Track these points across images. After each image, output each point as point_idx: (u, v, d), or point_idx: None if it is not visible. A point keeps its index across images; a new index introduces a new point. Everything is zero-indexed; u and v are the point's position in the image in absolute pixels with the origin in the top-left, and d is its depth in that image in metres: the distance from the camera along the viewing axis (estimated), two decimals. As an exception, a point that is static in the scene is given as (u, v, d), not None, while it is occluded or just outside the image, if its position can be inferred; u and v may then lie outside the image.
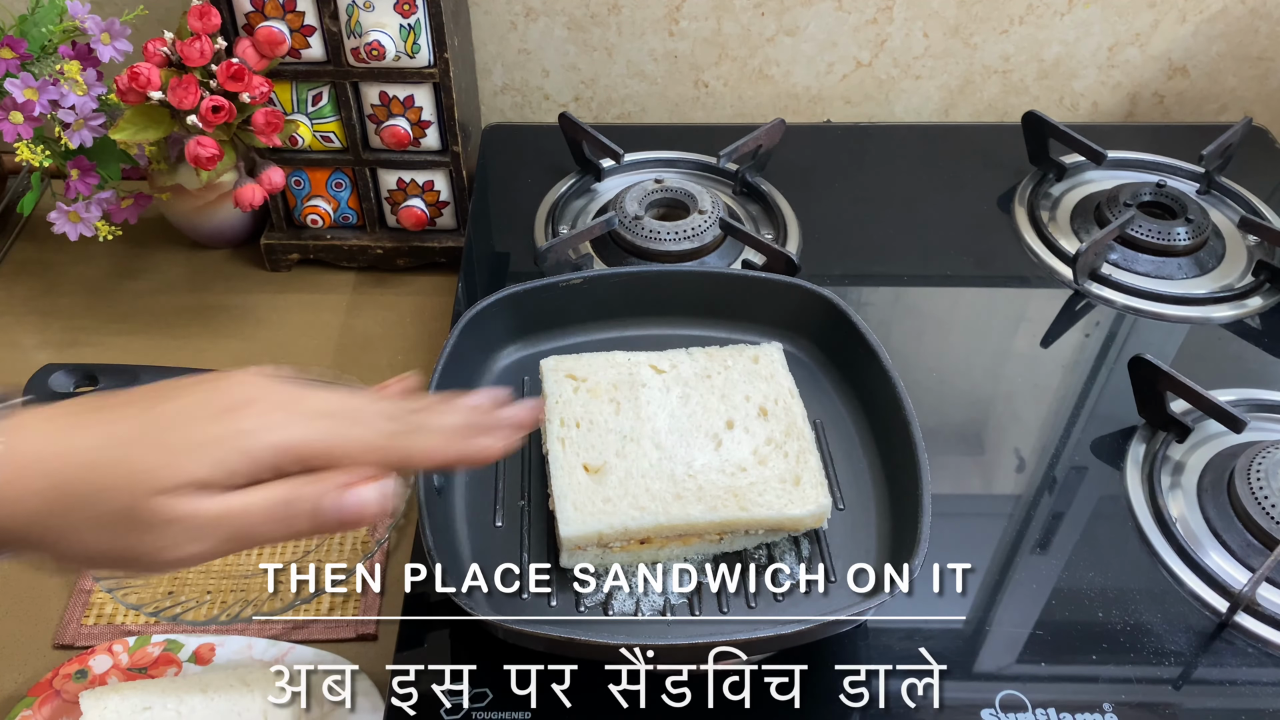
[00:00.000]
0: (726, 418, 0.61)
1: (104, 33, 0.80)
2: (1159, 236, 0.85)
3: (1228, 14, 1.00)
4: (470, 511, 0.62)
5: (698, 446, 0.60)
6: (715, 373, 0.64)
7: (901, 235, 0.88)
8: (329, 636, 0.65)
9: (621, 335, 0.73)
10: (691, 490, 0.57)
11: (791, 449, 0.60)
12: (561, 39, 1.01)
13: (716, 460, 0.59)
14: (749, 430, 0.61)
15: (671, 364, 0.65)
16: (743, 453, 0.59)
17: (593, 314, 0.72)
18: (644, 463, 0.59)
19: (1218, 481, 0.67)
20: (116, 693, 0.59)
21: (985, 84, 1.05)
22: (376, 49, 0.79)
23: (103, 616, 0.66)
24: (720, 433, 0.60)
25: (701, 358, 0.65)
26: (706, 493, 0.57)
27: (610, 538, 0.56)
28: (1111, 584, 0.62)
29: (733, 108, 1.06)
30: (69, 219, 0.82)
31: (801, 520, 0.57)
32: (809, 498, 0.57)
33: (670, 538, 0.57)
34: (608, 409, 0.61)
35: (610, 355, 0.65)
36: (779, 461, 0.59)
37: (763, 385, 0.63)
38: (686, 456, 0.59)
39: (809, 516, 0.57)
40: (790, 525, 0.58)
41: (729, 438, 0.60)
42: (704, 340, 0.72)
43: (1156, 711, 0.56)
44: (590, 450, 0.59)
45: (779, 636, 0.51)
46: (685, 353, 0.65)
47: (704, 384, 0.63)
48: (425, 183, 0.90)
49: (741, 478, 0.58)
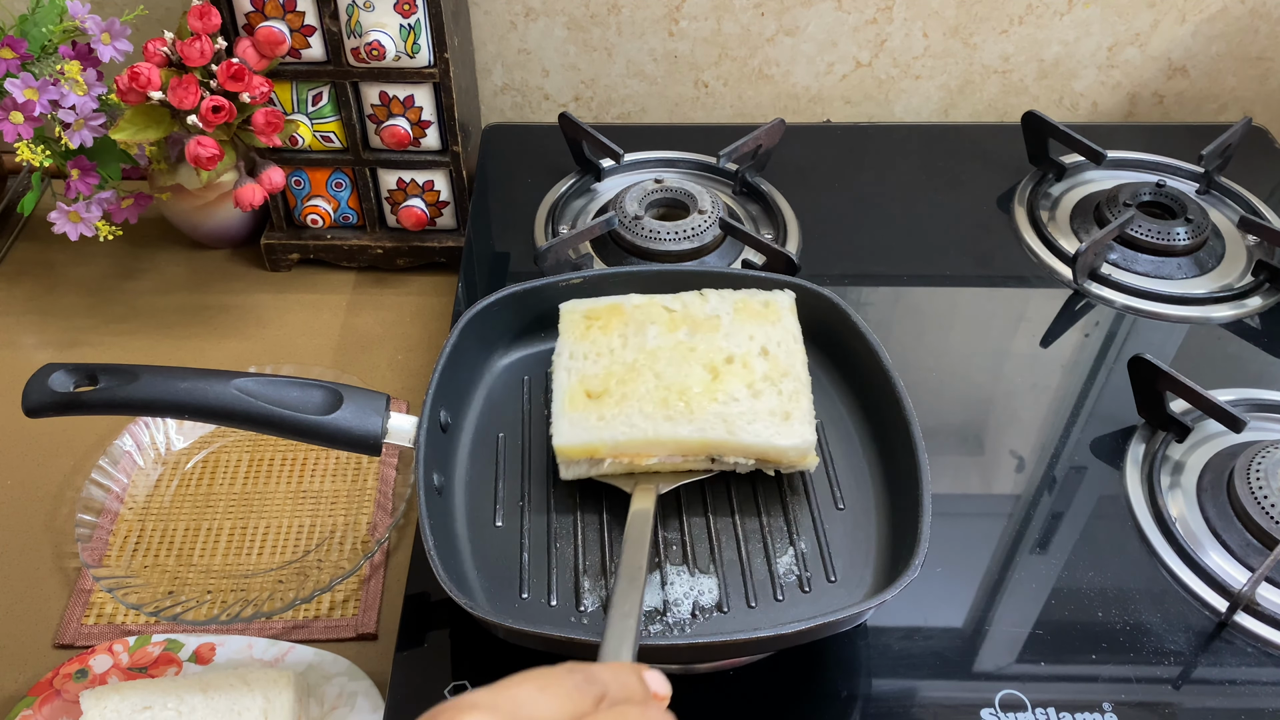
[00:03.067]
0: (727, 354, 0.62)
1: (104, 33, 0.80)
2: (1159, 236, 0.85)
3: (1227, 14, 1.00)
4: (470, 511, 0.62)
5: (694, 377, 0.61)
6: (724, 313, 0.65)
7: (901, 235, 0.88)
8: (329, 636, 0.65)
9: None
10: (682, 413, 0.59)
11: (787, 388, 0.61)
12: (561, 39, 1.01)
13: (711, 389, 0.60)
14: (747, 366, 0.62)
15: (683, 304, 0.66)
16: (737, 385, 0.61)
17: (593, 314, 0.73)
18: (641, 388, 0.60)
19: (1217, 481, 0.67)
20: (116, 692, 0.59)
21: (985, 84, 1.05)
22: (376, 49, 0.79)
23: (103, 616, 0.66)
24: (719, 366, 0.62)
25: (714, 299, 0.66)
26: (697, 416, 0.59)
27: (602, 451, 0.58)
28: (1111, 584, 0.62)
29: (733, 108, 1.06)
30: (69, 219, 0.82)
31: (786, 452, 0.58)
32: (796, 432, 0.58)
33: (659, 456, 0.59)
34: (615, 342, 0.63)
35: (626, 297, 0.67)
36: (772, 397, 0.60)
37: (769, 328, 0.64)
38: (682, 385, 0.60)
39: (793, 450, 0.58)
40: (775, 456, 0.59)
41: (726, 371, 0.61)
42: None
43: (1156, 711, 0.56)
44: (593, 379, 0.61)
45: (779, 636, 0.51)
46: (698, 294, 0.67)
47: (710, 323, 0.64)
48: (425, 183, 0.90)
49: (733, 406, 0.59)
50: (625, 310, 0.66)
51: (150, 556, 0.69)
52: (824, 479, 0.64)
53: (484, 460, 0.64)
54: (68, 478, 0.74)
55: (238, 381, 0.56)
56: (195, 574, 0.68)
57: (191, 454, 0.76)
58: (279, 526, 0.71)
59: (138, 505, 0.72)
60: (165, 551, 0.70)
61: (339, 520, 0.72)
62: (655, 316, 0.65)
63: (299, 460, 0.75)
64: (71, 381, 0.55)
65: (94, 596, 0.67)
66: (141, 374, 0.56)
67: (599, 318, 0.65)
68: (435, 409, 0.60)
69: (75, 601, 0.67)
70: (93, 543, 0.68)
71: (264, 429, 0.57)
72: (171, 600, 0.66)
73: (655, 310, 0.66)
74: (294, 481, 0.74)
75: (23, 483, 0.75)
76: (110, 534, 0.70)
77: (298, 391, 0.57)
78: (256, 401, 0.56)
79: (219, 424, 0.58)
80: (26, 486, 0.74)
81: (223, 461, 0.76)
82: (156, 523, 0.72)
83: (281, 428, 0.57)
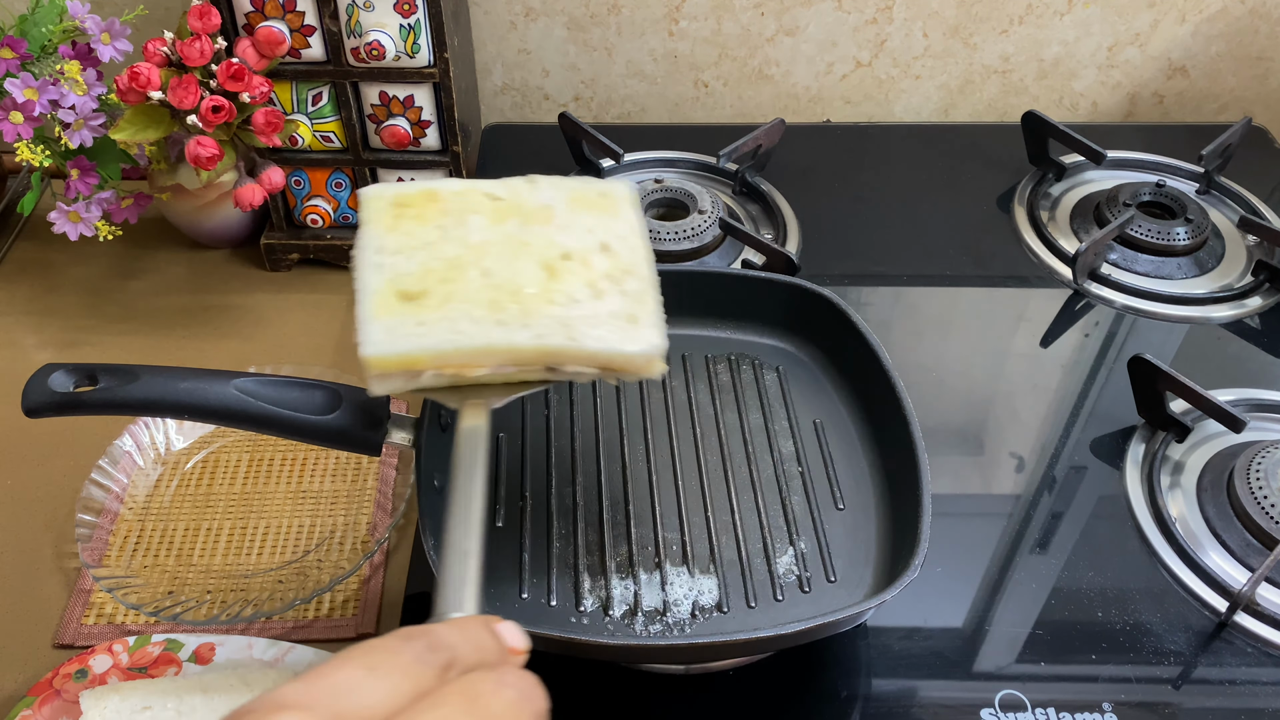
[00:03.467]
0: (564, 249, 0.55)
1: (104, 33, 0.80)
2: (1158, 236, 0.85)
3: (1227, 14, 1.00)
4: (470, 511, 0.62)
5: (528, 275, 0.53)
6: (557, 204, 0.57)
7: (901, 235, 0.88)
8: (329, 636, 0.65)
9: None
10: (516, 317, 0.51)
11: (631, 287, 0.54)
12: (561, 39, 1.01)
13: (548, 289, 0.53)
14: (587, 263, 0.54)
15: (510, 191, 0.57)
16: (577, 284, 0.53)
17: (593, 314, 0.72)
18: (467, 288, 0.52)
19: (1217, 481, 0.67)
20: (116, 693, 0.58)
21: (985, 84, 1.05)
22: (376, 49, 0.79)
23: (103, 616, 0.66)
24: (555, 263, 0.54)
25: (545, 186, 0.58)
26: (533, 320, 0.51)
27: (423, 362, 0.50)
28: (1111, 584, 0.62)
29: (733, 108, 1.06)
30: (69, 219, 0.82)
31: (633, 359, 0.51)
32: (643, 337, 0.52)
33: (490, 367, 0.52)
34: (433, 234, 0.54)
35: (444, 181, 0.58)
36: (615, 298, 0.53)
37: (608, 221, 0.57)
38: (514, 284, 0.52)
39: (640, 356, 0.51)
40: (621, 364, 0.52)
41: (564, 268, 0.54)
42: (705, 340, 0.73)
43: (1156, 711, 0.56)
44: (408, 277, 0.52)
45: (779, 636, 0.51)
46: (525, 180, 0.58)
47: (542, 214, 0.56)
48: (425, 183, 0.90)
49: (574, 309, 0.52)
50: (442, 196, 0.56)
51: (150, 556, 0.69)
52: (824, 479, 0.64)
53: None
54: (68, 478, 0.74)
55: (238, 381, 0.56)
56: (195, 574, 0.68)
57: (191, 454, 0.76)
58: (279, 526, 0.71)
59: (138, 505, 0.72)
60: (165, 551, 0.70)
61: (339, 520, 0.72)
62: (478, 205, 0.56)
63: (299, 460, 0.75)
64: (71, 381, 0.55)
65: (94, 596, 0.67)
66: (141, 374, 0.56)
67: (411, 205, 0.56)
68: (435, 408, 0.60)
69: (75, 601, 0.67)
70: (93, 543, 0.68)
71: (264, 429, 0.57)
72: (171, 600, 0.66)
73: (477, 198, 0.56)
74: (294, 481, 0.74)
75: (23, 483, 0.74)
76: (110, 534, 0.70)
77: (298, 391, 0.57)
78: (256, 402, 0.56)
79: (219, 424, 0.58)
80: (26, 486, 0.74)
81: (223, 461, 0.76)
82: (156, 523, 0.72)
83: (281, 428, 0.57)
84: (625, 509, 0.62)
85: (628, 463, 0.65)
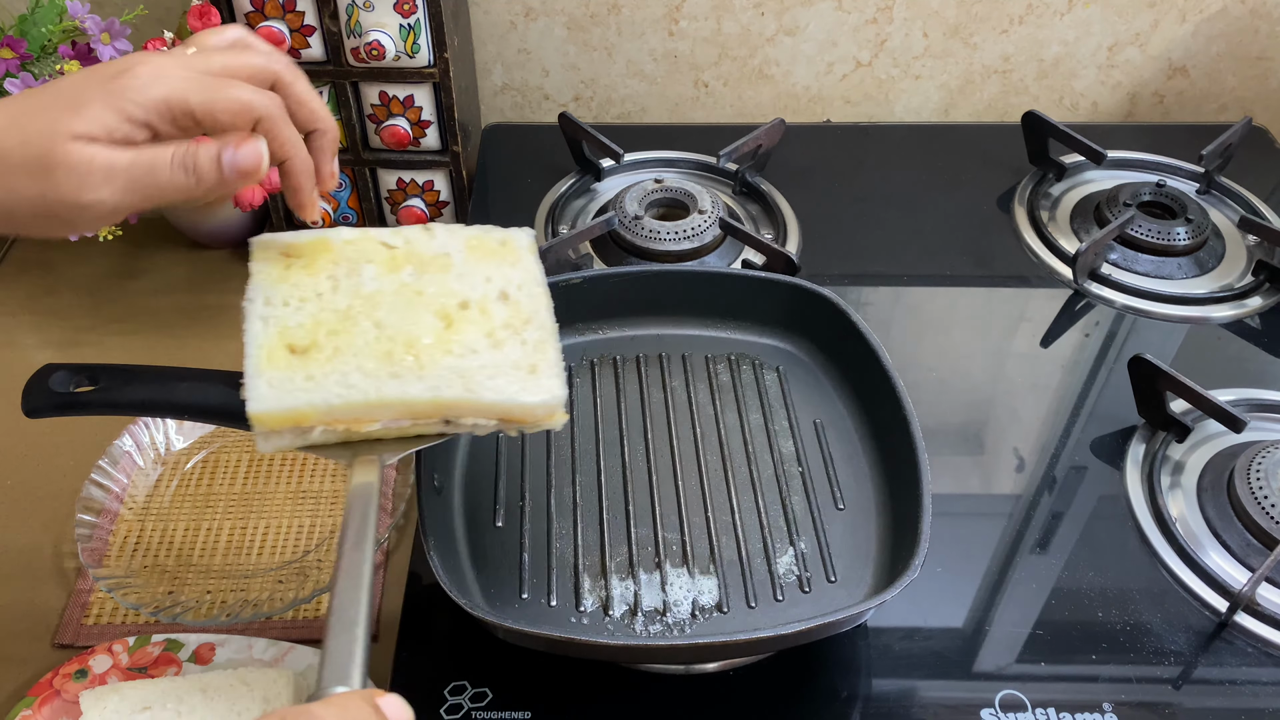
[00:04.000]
0: (462, 298, 0.54)
1: (104, 33, 0.80)
2: (1159, 236, 0.85)
3: (1228, 14, 1.00)
4: (470, 511, 0.62)
5: (424, 326, 0.52)
6: (454, 251, 0.56)
7: (901, 235, 0.88)
8: (329, 636, 0.65)
9: (621, 335, 0.73)
10: (411, 369, 0.50)
11: (530, 337, 0.53)
12: (561, 39, 1.01)
13: (445, 340, 0.52)
14: (486, 312, 0.53)
15: (405, 240, 0.56)
16: (475, 334, 0.52)
17: (593, 314, 0.72)
18: (358, 340, 0.51)
19: (1217, 481, 0.67)
20: (116, 693, 0.58)
21: (985, 84, 1.05)
22: (376, 49, 0.79)
23: (103, 616, 0.66)
24: (452, 312, 0.53)
25: (441, 234, 0.57)
26: (429, 372, 0.50)
27: (311, 418, 0.49)
28: (1111, 584, 0.62)
29: (733, 108, 1.06)
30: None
31: (533, 410, 0.51)
32: (544, 387, 0.51)
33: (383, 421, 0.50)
34: (324, 285, 0.53)
35: (336, 230, 0.56)
36: (515, 347, 0.52)
37: (508, 270, 0.56)
38: (409, 335, 0.51)
39: (540, 406, 0.51)
40: (520, 415, 0.51)
41: (462, 318, 0.53)
42: (706, 340, 0.73)
43: (1156, 711, 0.56)
44: (296, 330, 0.51)
45: (779, 636, 0.51)
46: (423, 229, 0.57)
47: (439, 262, 0.55)
48: (425, 182, 0.90)
49: (471, 359, 0.51)
50: (334, 246, 0.55)
51: (150, 557, 0.69)
52: (824, 479, 0.64)
53: (484, 460, 0.64)
54: (68, 478, 0.74)
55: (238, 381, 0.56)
56: (195, 574, 0.68)
57: (191, 454, 0.76)
58: (279, 526, 0.71)
59: (137, 505, 0.72)
60: (165, 552, 0.70)
61: (339, 520, 0.72)
62: (372, 254, 0.55)
63: (299, 460, 0.75)
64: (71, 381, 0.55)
65: (94, 596, 0.67)
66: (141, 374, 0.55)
67: (300, 255, 0.54)
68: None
69: (75, 601, 0.67)
70: (93, 543, 0.68)
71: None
72: (171, 600, 0.66)
73: (371, 246, 0.55)
74: (294, 481, 0.74)
75: (23, 483, 0.74)
76: (110, 534, 0.70)
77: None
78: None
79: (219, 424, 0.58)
80: (26, 486, 0.74)
81: (223, 461, 0.76)
82: (156, 523, 0.72)
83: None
84: (625, 509, 0.62)
85: (628, 463, 0.65)
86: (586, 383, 0.70)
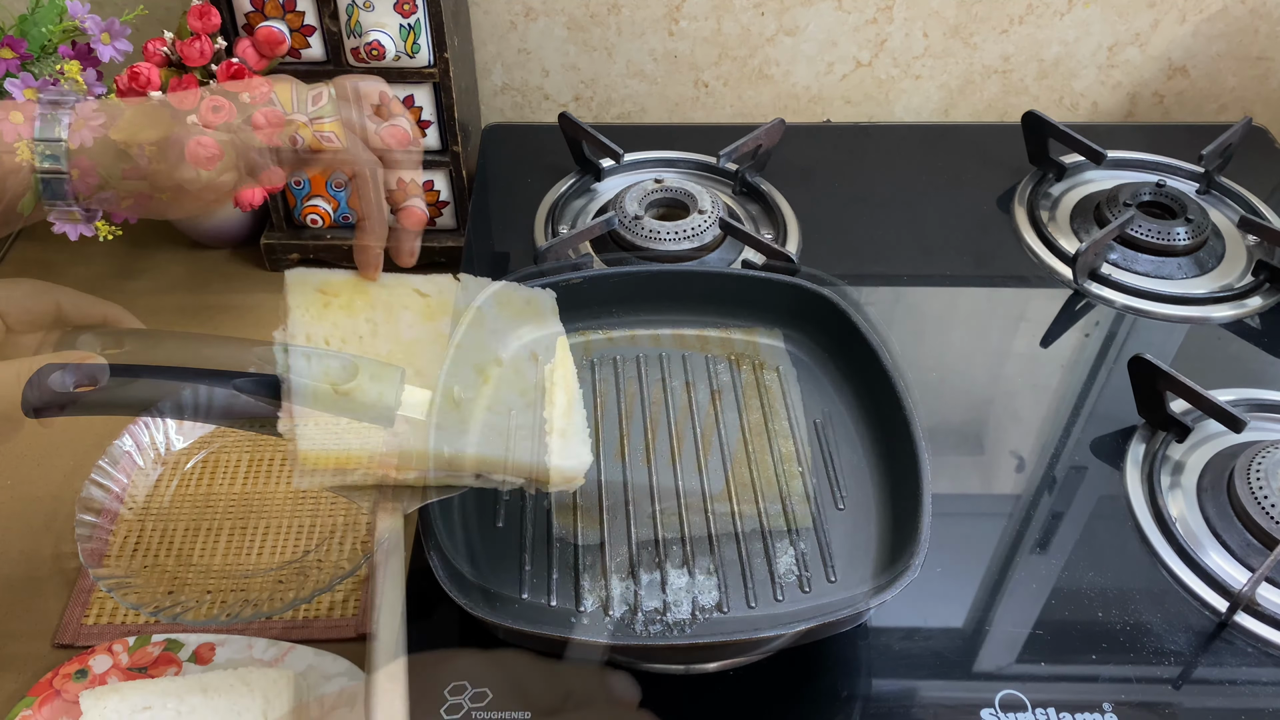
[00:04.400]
0: (496, 355, 0.56)
1: (104, 33, 0.80)
2: (1159, 236, 0.85)
3: (1228, 14, 1.00)
4: (470, 511, 0.62)
5: (463, 379, 0.53)
6: (488, 307, 0.58)
7: (901, 235, 0.88)
8: (329, 636, 0.65)
9: (621, 335, 0.73)
10: (454, 423, 0.51)
11: (559, 399, 0.55)
12: (561, 39, 1.01)
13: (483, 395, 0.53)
14: (519, 371, 0.55)
15: (439, 289, 0.58)
16: (510, 393, 0.54)
17: (593, 313, 0.73)
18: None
19: (1217, 481, 0.67)
20: (116, 693, 0.59)
21: (985, 84, 1.05)
22: (376, 49, 0.79)
23: (103, 616, 0.66)
24: (489, 368, 0.55)
25: (472, 286, 0.59)
26: (470, 427, 0.52)
27: (356, 462, 0.50)
28: (1111, 584, 0.62)
29: (732, 107, 1.06)
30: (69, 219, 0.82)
31: (563, 473, 0.53)
32: (574, 453, 0.53)
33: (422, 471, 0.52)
34: (363, 328, 0.54)
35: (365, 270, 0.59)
36: (546, 410, 0.54)
37: (535, 329, 0.58)
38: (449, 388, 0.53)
39: (571, 471, 0.53)
40: (549, 478, 0.53)
41: (497, 375, 0.55)
42: (706, 340, 0.73)
43: (1156, 711, 0.56)
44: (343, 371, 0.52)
45: (779, 636, 0.51)
46: (451, 279, 0.59)
47: (473, 315, 0.57)
48: (425, 183, 0.90)
49: (509, 419, 0.53)
50: (370, 291, 0.57)
51: (150, 556, 0.69)
52: (824, 479, 0.64)
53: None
54: (68, 478, 0.74)
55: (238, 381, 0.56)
56: (195, 574, 0.68)
57: (191, 454, 0.76)
58: (279, 526, 0.71)
59: (138, 505, 0.72)
60: (165, 551, 0.70)
61: (339, 520, 0.72)
62: (407, 300, 0.56)
63: (299, 460, 0.75)
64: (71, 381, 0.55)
65: (94, 596, 0.67)
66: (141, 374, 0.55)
67: (337, 294, 0.56)
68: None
69: (75, 601, 0.67)
70: (93, 543, 0.68)
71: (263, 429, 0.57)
72: (171, 600, 0.66)
73: (405, 292, 0.57)
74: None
75: (23, 483, 0.74)
76: (110, 534, 0.70)
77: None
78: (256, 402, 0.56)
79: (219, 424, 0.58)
80: (26, 486, 0.74)
81: (223, 461, 0.76)
82: (156, 523, 0.72)
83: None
84: (625, 509, 0.62)
85: (628, 462, 0.65)
86: (587, 383, 0.70)
